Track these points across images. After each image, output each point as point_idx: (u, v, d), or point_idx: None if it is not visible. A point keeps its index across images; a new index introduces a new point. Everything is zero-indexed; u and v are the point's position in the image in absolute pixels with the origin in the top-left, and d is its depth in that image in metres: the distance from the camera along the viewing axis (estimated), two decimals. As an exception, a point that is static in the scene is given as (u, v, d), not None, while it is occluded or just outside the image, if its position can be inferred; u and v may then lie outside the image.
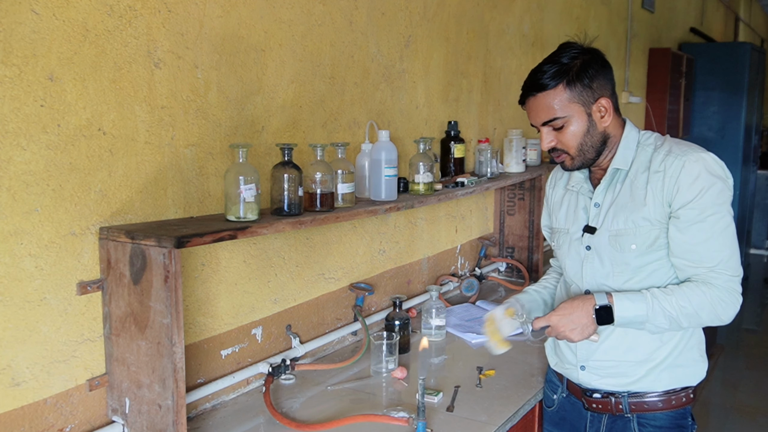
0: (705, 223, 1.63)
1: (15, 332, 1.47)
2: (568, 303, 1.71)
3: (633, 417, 1.79)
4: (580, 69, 1.67)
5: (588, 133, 1.71)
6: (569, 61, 1.68)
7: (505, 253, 3.51)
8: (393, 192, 2.19)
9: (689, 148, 1.68)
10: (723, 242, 1.64)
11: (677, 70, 6.16)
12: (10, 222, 1.44)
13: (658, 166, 1.68)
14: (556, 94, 1.68)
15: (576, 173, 1.87)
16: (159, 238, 1.50)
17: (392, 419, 1.80)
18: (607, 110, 1.71)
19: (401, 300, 2.41)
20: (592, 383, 1.83)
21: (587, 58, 1.69)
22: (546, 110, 1.70)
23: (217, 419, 1.89)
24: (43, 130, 1.47)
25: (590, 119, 1.71)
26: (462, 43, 3.08)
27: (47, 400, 1.55)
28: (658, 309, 1.64)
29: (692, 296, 1.64)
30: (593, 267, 1.79)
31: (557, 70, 1.67)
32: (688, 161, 1.64)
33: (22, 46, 1.42)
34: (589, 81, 1.68)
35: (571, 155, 1.74)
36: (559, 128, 1.71)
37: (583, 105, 1.69)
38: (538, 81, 1.69)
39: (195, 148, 1.83)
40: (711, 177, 1.63)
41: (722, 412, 4.53)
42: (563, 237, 1.88)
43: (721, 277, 1.64)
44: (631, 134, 1.76)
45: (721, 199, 1.63)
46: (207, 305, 1.93)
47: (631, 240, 1.71)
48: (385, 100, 2.57)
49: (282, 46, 2.06)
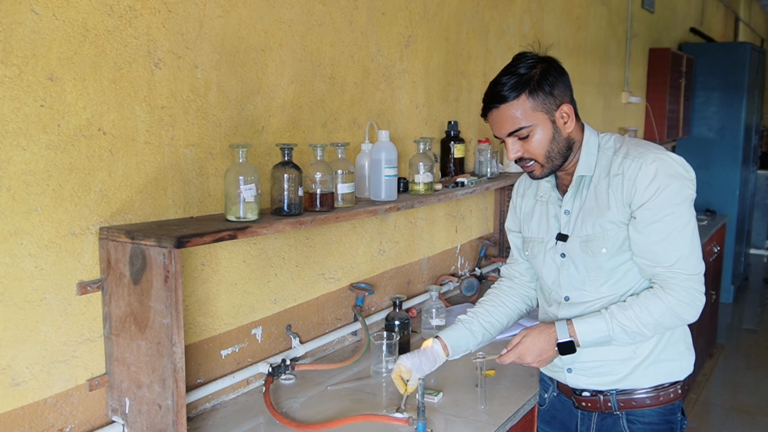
0: (661, 223, 1.65)
1: (15, 332, 1.47)
2: (532, 337, 1.74)
3: (622, 414, 1.80)
4: (540, 77, 1.69)
5: (554, 140, 1.72)
6: (527, 70, 1.68)
7: (505, 253, 3.50)
8: (393, 192, 2.19)
9: (646, 149, 1.70)
10: (680, 241, 1.65)
11: (677, 70, 6.16)
12: (10, 222, 1.44)
13: (617, 169, 1.71)
14: (519, 104, 1.68)
15: (543, 182, 1.87)
16: (159, 238, 1.50)
17: (392, 419, 1.80)
18: (569, 116, 1.73)
19: (401, 300, 2.41)
20: (580, 384, 1.85)
21: (545, 66, 1.70)
22: (510, 121, 1.70)
23: (217, 419, 1.89)
24: (43, 130, 1.47)
25: (554, 126, 1.72)
26: (462, 43, 3.08)
27: (47, 400, 1.55)
28: (618, 328, 1.67)
29: (651, 306, 1.66)
30: (569, 273, 1.81)
31: (517, 80, 1.67)
32: (644, 163, 1.66)
33: (22, 46, 1.42)
34: (550, 88, 1.69)
35: (540, 163, 1.74)
36: (525, 137, 1.71)
37: (546, 113, 1.70)
38: (500, 93, 1.68)
39: (195, 148, 1.83)
40: (667, 177, 1.64)
41: (722, 412, 4.52)
42: (538, 246, 1.88)
43: (679, 276, 1.65)
44: (591, 139, 1.78)
45: (679, 198, 1.65)
46: (207, 305, 1.93)
47: (600, 244, 1.73)
48: (385, 100, 2.57)
49: (282, 46, 2.06)
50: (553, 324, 1.73)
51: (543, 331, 1.73)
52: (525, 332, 1.75)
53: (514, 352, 1.75)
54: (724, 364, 5.35)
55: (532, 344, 1.73)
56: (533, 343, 1.73)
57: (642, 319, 1.66)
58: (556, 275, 1.84)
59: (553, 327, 1.72)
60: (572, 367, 1.84)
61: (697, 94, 6.83)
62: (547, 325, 1.75)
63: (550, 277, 1.86)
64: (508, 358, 1.76)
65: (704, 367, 5.21)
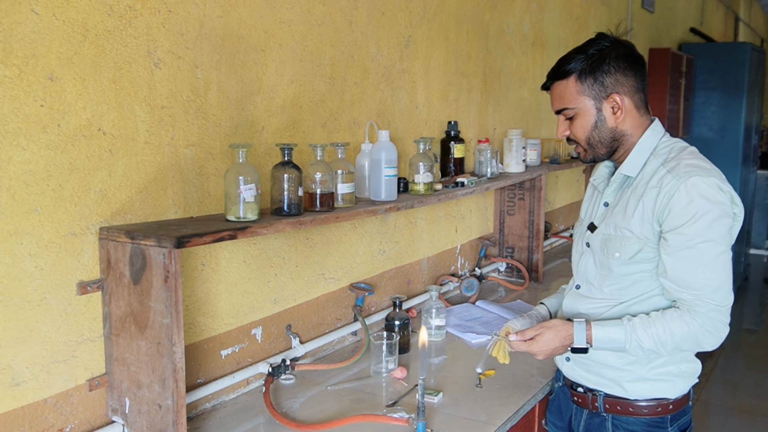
0: (694, 250, 1.59)
1: (15, 332, 1.47)
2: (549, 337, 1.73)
3: (608, 417, 1.80)
4: (595, 63, 1.68)
5: (596, 128, 1.72)
6: (593, 53, 1.69)
7: (505, 253, 3.50)
8: (393, 192, 2.19)
9: (694, 169, 1.62)
10: (711, 272, 1.60)
11: (677, 70, 6.16)
12: (10, 222, 1.44)
13: (656, 182, 1.65)
14: (568, 85, 1.71)
15: (602, 167, 1.88)
16: (159, 238, 1.50)
17: (392, 419, 1.80)
18: (620, 107, 1.70)
19: (401, 300, 2.41)
20: (574, 376, 1.86)
21: (608, 52, 1.69)
22: (558, 99, 1.75)
23: (217, 419, 1.89)
24: (43, 130, 1.47)
25: (599, 114, 1.71)
26: (462, 43, 3.08)
27: (47, 400, 1.55)
28: (635, 344, 1.66)
29: (674, 328, 1.63)
30: (586, 264, 1.82)
31: (573, 62, 1.70)
32: (685, 184, 1.59)
33: (22, 46, 1.42)
34: (602, 76, 1.68)
35: (583, 147, 1.77)
36: (570, 118, 1.74)
37: (593, 99, 1.70)
38: (557, 69, 1.73)
39: (195, 148, 1.83)
40: (706, 203, 1.58)
41: (722, 412, 4.52)
42: (578, 228, 1.92)
43: (706, 306, 1.60)
44: (649, 140, 1.73)
45: (716, 227, 1.58)
46: (207, 305, 1.93)
47: (616, 247, 1.72)
48: (385, 100, 2.57)
49: (282, 46, 2.06)
50: (572, 326, 1.71)
51: (560, 332, 1.72)
52: (543, 329, 1.74)
53: (528, 347, 1.74)
54: (724, 364, 5.35)
55: (547, 344, 1.73)
56: (548, 343, 1.73)
57: (662, 340, 1.63)
58: (577, 261, 1.87)
59: (571, 330, 1.71)
60: (570, 356, 1.85)
61: (697, 94, 6.84)
62: (565, 325, 1.72)
63: (574, 261, 1.90)
64: (521, 348, 1.75)
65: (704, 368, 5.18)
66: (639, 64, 1.73)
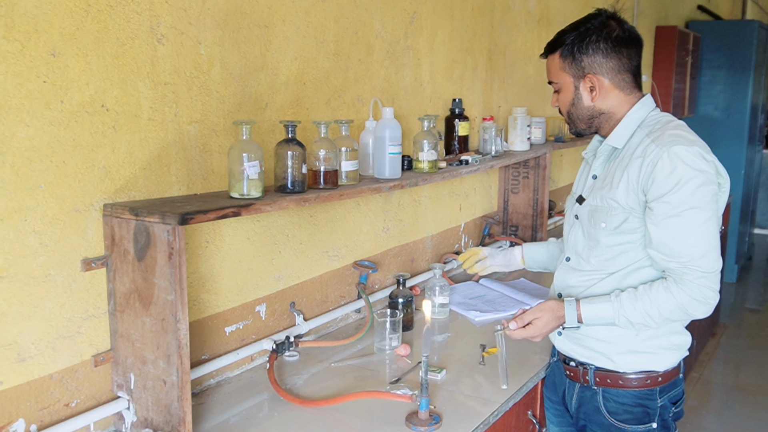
0: (679, 218, 1.60)
1: (20, 308, 1.48)
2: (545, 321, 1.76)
3: (599, 390, 1.82)
4: (576, 41, 1.73)
5: (574, 104, 1.79)
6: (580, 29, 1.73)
7: (509, 232, 3.50)
8: (397, 170, 2.18)
9: (677, 138, 1.63)
10: (698, 239, 1.60)
11: (684, 48, 6.10)
12: (14, 198, 1.44)
13: (641, 152, 1.66)
14: (553, 60, 1.80)
15: (593, 141, 1.91)
16: (163, 215, 1.50)
17: (396, 396, 1.81)
18: (596, 88, 1.74)
19: (405, 278, 2.41)
20: (567, 350, 1.88)
21: (591, 32, 1.72)
22: (548, 72, 1.83)
23: (222, 395, 1.90)
24: (46, 106, 1.47)
25: (577, 92, 1.77)
26: (467, 19, 3.05)
27: (53, 375, 1.56)
28: (623, 319, 1.69)
29: (662, 301, 1.64)
30: (576, 237, 1.85)
31: (558, 37, 1.77)
32: (668, 153, 1.60)
33: (24, 21, 1.41)
34: (580, 56, 1.73)
35: (566, 120, 1.85)
36: (557, 91, 1.83)
37: (572, 77, 1.77)
38: (550, 41, 1.80)
39: (198, 125, 1.82)
40: (690, 170, 1.58)
41: (724, 391, 4.54)
42: (569, 201, 1.94)
43: (694, 273, 1.61)
44: (638, 113, 1.75)
45: (699, 193, 1.59)
46: (211, 282, 1.93)
47: (602, 218, 1.74)
48: (390, 77, 2.56)
49: (285, 22, 2.05)
50: (563, 307, 1.75)
51: (556, 313, 1.76)
52: (537, 313, 1.77)
53: (528, 333, 1.77)
54: (726, 344, 5.36)
55: (544, 326, 1.76)
56: (545, 326, 1.77)
57: (650, 313, 1.66)
58: (567, 233, 1.89)
59: (563, 311, 1.75)
60: (562, 331, 1.87)
61: (704, 73, 6.78)
62: (558, 305, 1.76)
63: (564, 234, 1.93)
64: (520, 336, 1.78)
65: (707, 346, 5.22)
66: (626, 45, 1.73)
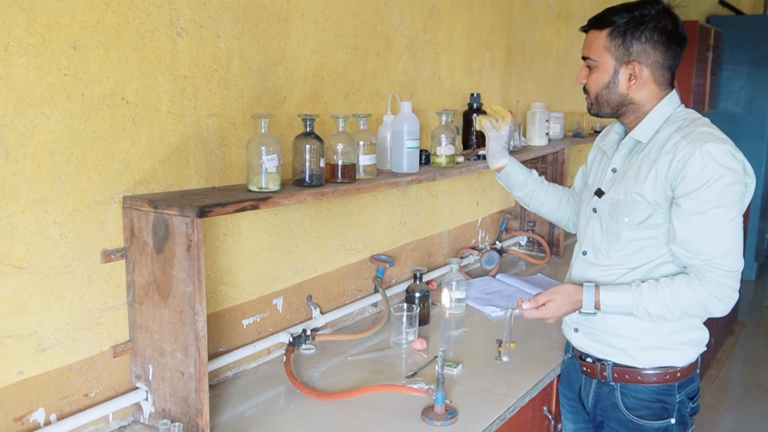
0: (706, 216, 1.59)
1: (40, 299, 1.49)
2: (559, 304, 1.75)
3: (617, 386, 1.81)
4: (629, 26, 1.69)
5: (608, 87, 1.75)
6: (636, 15, 1.69)
7: (527, 227, 3.49)
8: (415, 164, 2.18)
9: (709, 136, 1.63)
10: (723, 237, 1.60)
11: (704, 44, 6.04)
12: (35, 190, 1.45)
13: (670, 148, 1.65)
14: (600, 36, 1.74)
15: (612, 133, 1.89)
16: (182, 208, 1.50)
17: (412, 390, 1.81)
18: (636, 77, 1.72)
19: (422, 272, 2.41)
20: (584, 347, 1.87)
21: (648, 20, 1.69)
22: (588, 46, 1.78)
23: (239, 387, 1.91)
24: (67, 99, 1.48)
25: (615, 76, 1.73)
26: (486, 14, 3.04)
27: (72, 365, 1.57)
28: (642, 309, 1.67)
29: (683, 295, 1.64)
30: (593, 230, 1.83)
31: (612, 15, 1.71)
32: (699, 150, 1.60)
33: (46, 15, 1.42)
34: (631, 41, 1.69)
35: (591, 100, 1.80)
36: (591, 68, 1.78)
37: (615, 59, 1.73)
38: (599, 17, 1.74)
39: (217, 118, 1.83)
40: (720, 169, 1.58)
41: (742, 389, 4.51)
42: (586, 194, 1.91)
43: (716, 271, 1.61)
44: (664, 109, 1.73)
45: (728, 192, 1.59)
46: (229, 275, 1.94)
47: (625, 212, 1.72)
48: (408, 72, 2.55)
49: (304, 15, 2.05)
50: (581, 291, 1.73)
51: (571, 296, 1.74)
52: (553, 294, 1.76)
53: (541, 313, 1.76)
54: (744, 342, 5.31)
55: (558, 309, 1.75)
56: (558, 309, 1.75)
57: (669, 306, 1.65)
58: (584, 227, 1.87)
59: (581, 296, 1.73)
60: (579, 327, 1.86)
61: (725, 68, 6.71)
62: (575, 290, 1.74)
63: (581, 227, 1.91)
64: (532, 316, 1.77)
65: (725, 344, 5.18)
66: (675, 42, 1.71)
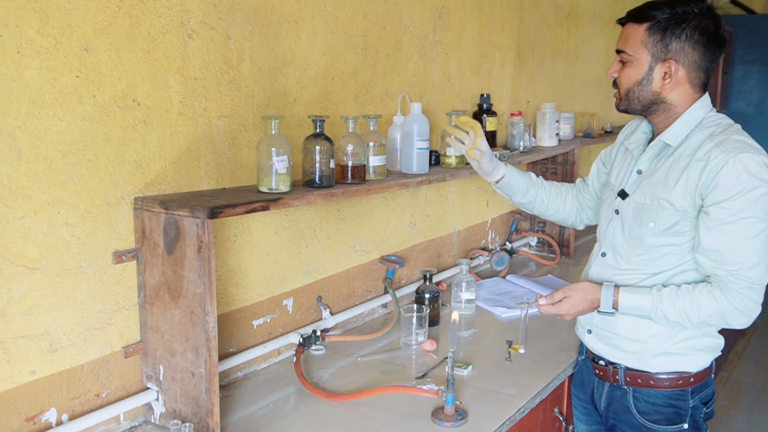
0: (735, 225, 1.57)
1: (52, 299, 1.50)
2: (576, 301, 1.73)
3: (629, 389, 1.80)
4: (670, 23, 1.65)
5: (640, 84, 1.70)
6: (678, 12, 1.64)
7: (537, 228, 3.48)
8: (424, 165, 2.18)
9: (743, 146, 1.59)
10: (750, 248, 1.57)
11: (716, 43, 6.01)
12: (47, 191, 1.46)
13: (703, 155, 1.61)
14: (638, 30, 1.68)
15: (638, 132, 1.84)
16: (192, 209, 1.51)
17: (422, 391, 1.81)
18: (671, 76, 1.67)
19: (431, 273, 2.41)
20: (597, 349, 1.85)
21: (690, 18, 1.64)
22: (624, 40, 1.72)
23: (249, 388, 1.92)
24: (78, 100, 1.49)
25: (649, 73, 1.68)
26: (495, 14, 3.03)
27: (84, 365, 1.58)
28: (661, 314, 1.65)
29: (704, 304, 1.61)
30: (614, 232, 1.80)
31: (653, 10, 1.66)
32: (734, 160, 1.56)
33: (58, 17, 1.43)
34: (670, 39, 1.65)
35: (620, 95, 1.75)
36: (625, 62, 1.72)
37: (651, 56, 1.68)
38: (639, 10, 1.69)
39: (228, 120, 1.84)
40: (753, 180, 1.55)
41: (754, 391, 4.48)
42: (608, 193, 1.88)
43: (741, 283, 1.58)
44: (696, 113, 1.69)
45: (760, 203, 1.56)
46: (239, 276, 1.95)
47: (651, 217, 1.69)
48: (418, 72, 2.55)
49: (314, 17, 2.05)
50: (600, 290, 1.71)
51: (588, 295, 1.73)
52: (570, 291, 1.74)
53: (557, 309, 1.75)
54: (756, 343, 5.28)
55: (574, 306, 1.74)
56: (575, 306, 1.73)
57: (689, 314, 1.62)
58: (605, 227, 1.84)
59: (599, 295, 1.71)
60: (592, 329, 1.85)
61: (736, 68, 6.68)
62: (593, 289, 1.73)
63: (601, 228, 1.88)
64: (548, 311, 1.76)
65: (737, 346, 5.15)
66: (715, 44, 1.67)
